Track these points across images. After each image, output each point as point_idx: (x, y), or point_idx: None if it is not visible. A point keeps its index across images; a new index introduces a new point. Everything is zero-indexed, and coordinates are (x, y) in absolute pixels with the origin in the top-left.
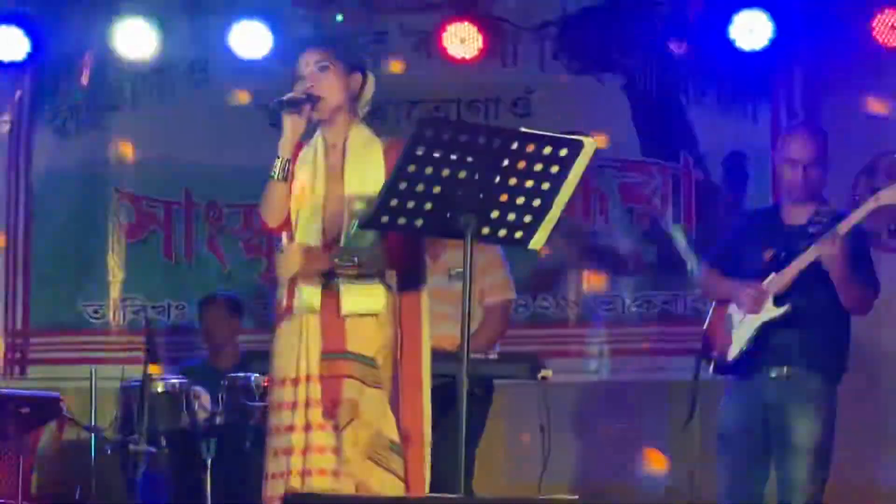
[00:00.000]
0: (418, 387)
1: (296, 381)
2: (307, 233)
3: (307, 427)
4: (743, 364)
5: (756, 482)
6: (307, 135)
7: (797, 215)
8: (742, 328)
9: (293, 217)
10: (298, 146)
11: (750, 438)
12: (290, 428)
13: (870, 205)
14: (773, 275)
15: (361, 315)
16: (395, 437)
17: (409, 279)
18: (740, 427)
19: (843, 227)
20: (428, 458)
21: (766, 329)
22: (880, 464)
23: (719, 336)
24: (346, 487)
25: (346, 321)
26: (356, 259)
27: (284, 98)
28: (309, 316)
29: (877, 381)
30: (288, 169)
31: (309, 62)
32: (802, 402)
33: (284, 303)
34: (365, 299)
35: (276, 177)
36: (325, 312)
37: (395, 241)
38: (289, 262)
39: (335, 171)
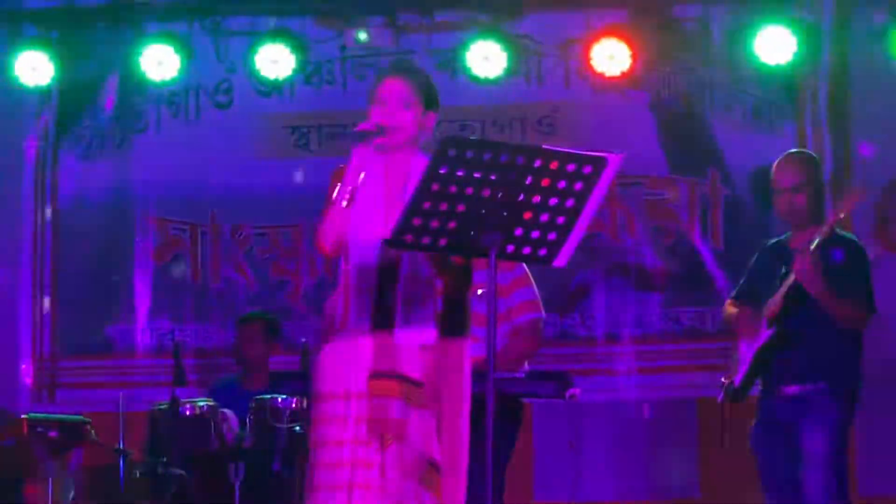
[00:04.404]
0: (458, 413)
1: (345, 396)
2: (366, 258)
3: (354, 442)
4: (748, 388)
5: (788, 497)
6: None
7: (799, 240)
8: (745, 355)
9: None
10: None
11: (773, 457)
12: (338, 442)
13: (830, 220)
14: (770, 300)
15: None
16: (437, 457)
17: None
18: (763, 447)
19: (813, 243)
20: (464, 485)
21: (762, 352)
22: None
23: (731, 365)
24: None
25: (398, 348)
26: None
27: (358, 129)
28: (362, 340)
29: None
30: (354, 196)
31: (393, 91)
32: (809, 416)
33: (339, 322)
34: (420, 331)
35: (343, 204)
36: (378, 334)
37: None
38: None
39: (398, 200)
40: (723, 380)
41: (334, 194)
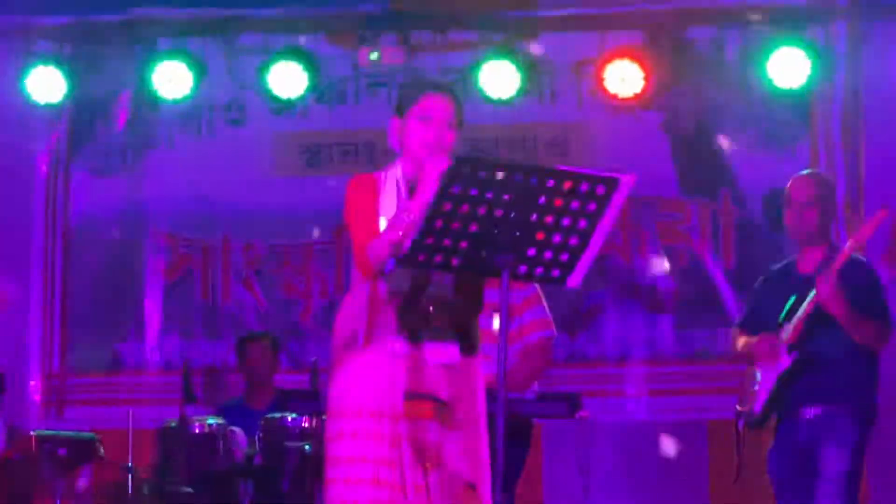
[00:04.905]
0: (476, 434)
1: (381, 415)
2: (398, 278)
3: (399, 463)
4: (769, 414)
5: None
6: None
7: (808, 263)
8: (764, 382)
9: None
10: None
11: (791, 480)
12: (377, 460)
13: (852, 243)
14: (786, 325)
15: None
16: (472, 479)
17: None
18: (781, 470)
19: (834, 266)
20: None
21: (785, 378)
22: None
23: (747, 392)
24: None
25: (427, 367)
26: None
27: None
28: (393, 360)
29: None
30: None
31: (441, 110)
32: (829, 438)
33: (363, 337)
34: (448, 350)
35: (401, 237)
36: (409, 358)
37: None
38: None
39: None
40: (738, 407)
41: (394, 222)
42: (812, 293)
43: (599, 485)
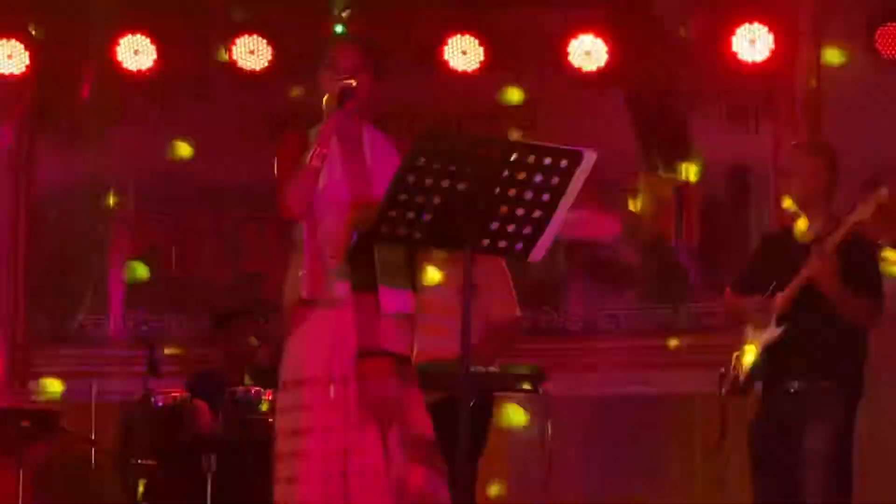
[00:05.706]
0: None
1: (330, 381)
2: (337, 222)
3: (345, 428)
4: (752, 384)
5: (786, 496)
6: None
7: (806, 232)
8: (750, 349)
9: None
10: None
11: (772, 453)
12: (328, 429)
13: (851, 220)
14: (779, 294)
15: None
16: (432, 434)
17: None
18: (762, 442)
19: (829, 244)
20: None
21: (771, 349)
22: None
23: (733, 358)
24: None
25: (380, 319)
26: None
27: (346, 87)
28: (341, 313)
29: None
30: (324, 161)
31: (351, 56)
32: (814, 413)
33: (309, 290)
34: (399, 296)
35: (317, 165)
36: (358, 310)
37: None
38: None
39: (357, 170)
40: (722, 370)
41: (307, 157)
42: (803, 268)
43: (562, 460)
